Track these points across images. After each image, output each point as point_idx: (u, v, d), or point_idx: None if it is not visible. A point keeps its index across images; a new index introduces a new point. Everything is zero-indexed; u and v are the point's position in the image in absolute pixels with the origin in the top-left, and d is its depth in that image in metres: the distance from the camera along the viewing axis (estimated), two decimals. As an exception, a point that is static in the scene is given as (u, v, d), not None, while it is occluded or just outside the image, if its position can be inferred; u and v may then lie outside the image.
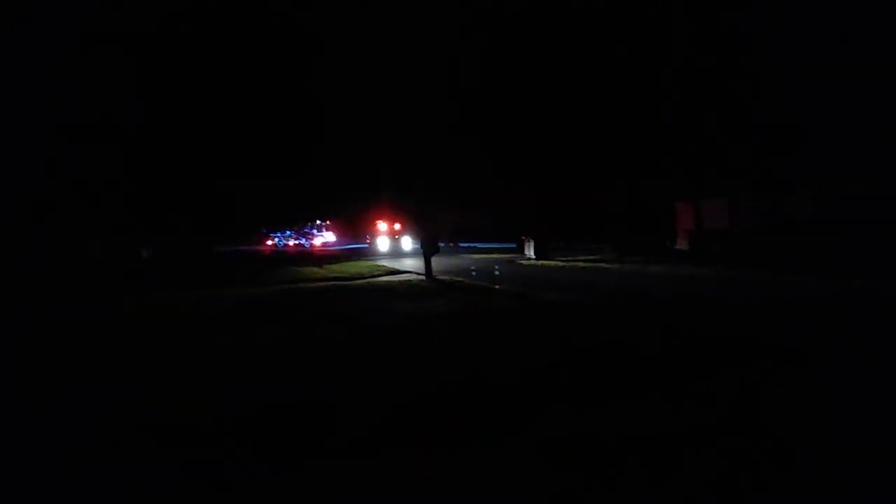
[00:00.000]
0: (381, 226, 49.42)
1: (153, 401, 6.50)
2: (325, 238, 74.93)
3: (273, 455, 4.72)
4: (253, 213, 69.72)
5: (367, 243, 53.30)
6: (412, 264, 27.20)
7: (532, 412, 5.56)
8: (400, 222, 48.57)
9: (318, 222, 76.82)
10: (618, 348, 8.23)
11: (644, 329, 9.69)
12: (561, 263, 26.57)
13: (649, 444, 4.62)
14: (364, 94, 44.10)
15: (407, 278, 20.95)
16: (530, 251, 32.23)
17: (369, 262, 30.53)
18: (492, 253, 37.25)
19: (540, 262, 28.36)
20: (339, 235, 75.98)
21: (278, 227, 79.42)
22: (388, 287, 17.91)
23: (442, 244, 27.89)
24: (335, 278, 21.58)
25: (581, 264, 25.51)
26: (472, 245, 45.29)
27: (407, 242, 45.96)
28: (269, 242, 76.29)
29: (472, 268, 25.44)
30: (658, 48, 30.66)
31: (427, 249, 21.72)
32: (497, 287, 17.03)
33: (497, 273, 22.80)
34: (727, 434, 4.81)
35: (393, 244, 47.10)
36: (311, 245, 69.43)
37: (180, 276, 24.83)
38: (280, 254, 50.61)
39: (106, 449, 5.10)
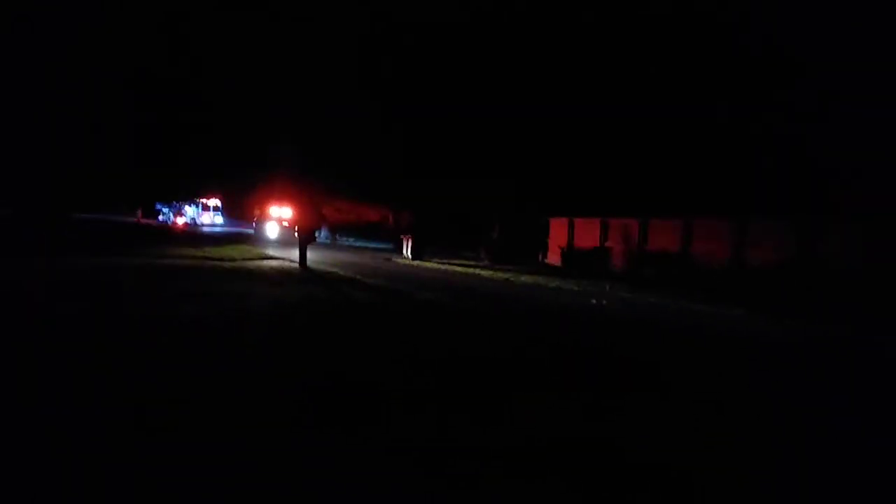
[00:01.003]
0: (273, 210, 43.75)
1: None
2: (211, 218, 66.70)
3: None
4: (136, 181, 64.07)
5: (252, 228, 48.01)
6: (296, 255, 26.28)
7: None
8: (294, 208, 43.86)
9: (205, 200, 67.63)
10: (469, 349, 8.29)
11: (500, 334, 9.85)
12: (436, 265, 26.75)
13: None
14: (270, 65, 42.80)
15: (280, 265, 20.34)
16: (408, 251, 32.26)
17: (253, 249, 28.91)
18: (370, 251, 36.95)
19: (415, 263, 28.43)
20: (229, 216, 68.32)
21: (168, 200, 72.19)
22: (259, 271, 17.27)
23: (319, 235, 27.24)
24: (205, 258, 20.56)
25: (456, 268, 25.80)
26: (352, 242, 44.62)
27: (276, 229, 42.22)
28: (161, 217, 67.66)
29: (348, 261, 25.07)
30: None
31: (303, 237, 21.19)
32: (366, 281, 16.84)
33: (370, 268, 22.62)
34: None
35: (283, 231, 42.01)
36: (195, 224, 62.51)
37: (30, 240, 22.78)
38: (154, 229, 46.24)
39: None
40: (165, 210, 68.73)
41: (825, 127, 23.26)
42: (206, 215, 64.97)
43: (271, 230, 41.97)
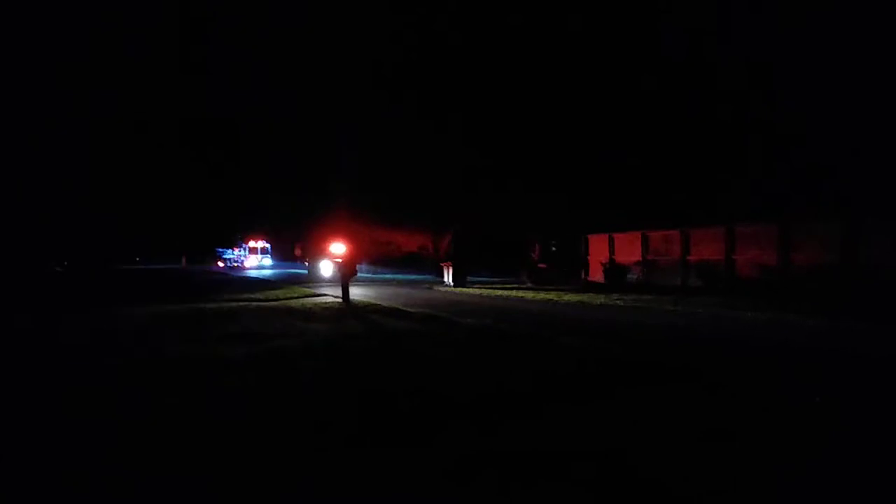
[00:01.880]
0: (325, 247, 41.19)
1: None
2: (259, 260, 63.44)
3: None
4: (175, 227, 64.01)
5: (305, 267, 45.05)
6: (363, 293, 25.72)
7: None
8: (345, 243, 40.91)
9: (252, 242, 64.91)
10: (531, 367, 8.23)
11: (555, 352, 9.75)
12: (478, 291, 26.71)
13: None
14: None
15: (323, 300, 20.53)
16: (449, 279, 32.33)
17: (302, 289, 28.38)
18: (410, 283, 37.05)
19: (458, 290, 28.42)
20: (279, 258, 65.79)
21: (219, 244, 68.88)
22: (303, 309, 17.44)
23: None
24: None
25: (499, 292, 25.72)
26: (392, 275, 44.48)
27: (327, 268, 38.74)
28: (220, 263, 66.36)
29: (390, 294, 25.14)
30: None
31: (345, 272, 21.40)
32: (408, 310, 16.88)
33: (414, 299, 22.67)
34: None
35: (337, 269, 39.85)
36: (241, 266, 61.09)
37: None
38: (205, 276, 44.52)
39: None
40: (229, 253, 66.62)
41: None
42: (254, 257, 62.41)
43: (325, 268, 38.82)
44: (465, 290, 28.11)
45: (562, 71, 32.64)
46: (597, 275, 30.52)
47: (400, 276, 42.96)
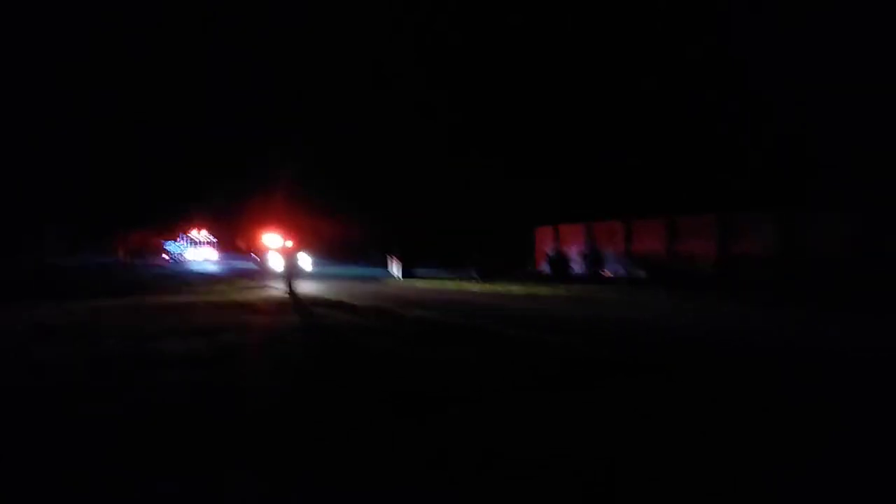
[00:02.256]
0: (271, 239, 34.99)
1: None
2: (200, 253, 57.95)
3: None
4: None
5: (253, 261, 40.67)
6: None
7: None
8: (294, 235, 34.93)
9: (194, 233, 59.03)
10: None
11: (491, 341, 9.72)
12: (427, 284, 26.63)
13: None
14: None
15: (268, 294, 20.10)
16: (397, 272, 32.17)
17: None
18: (357, 277, 36.68)
19: (405, 283, 28.27)
20: (223, 250, 60.96)
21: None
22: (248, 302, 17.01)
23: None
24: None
25: (449, 285, 25.69)
26: (337, 269, 43.59)
27: (306, 261, 35.55)
28: (165, 257, 60.44)
29: (339, 289, 24.77)
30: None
31: (289, 263, 21.13)
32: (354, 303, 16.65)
33: (362, 293, 22.42)
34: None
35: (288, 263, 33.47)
36: (181, 260, 54.50)
37: None
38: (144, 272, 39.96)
39: None
40: (172, 246, 60.70)
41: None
42: (196, 250, 56.81)
43: (275, 262, 34.18)
44: (413, 283, 27.99)
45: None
46: (543, 266, 30.80)
47: (351, 271, 42.30)
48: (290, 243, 31.35)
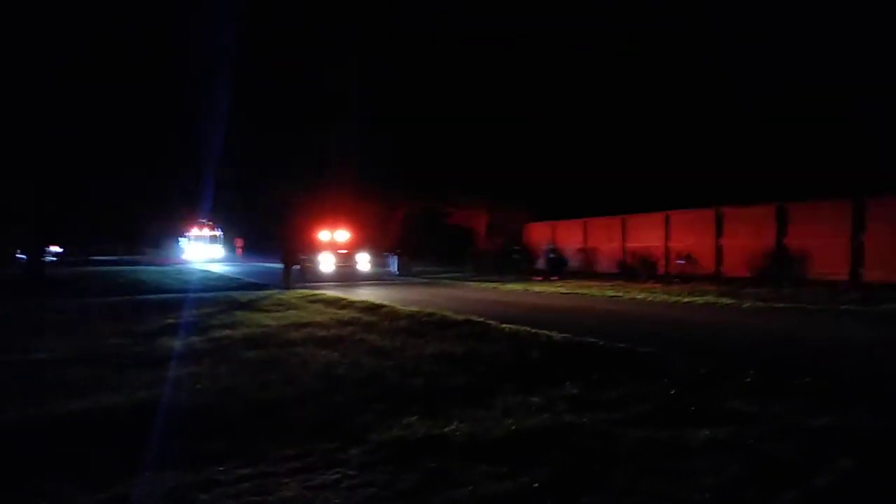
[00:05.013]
0: (320, 235, 29.36)
1: None
2: (204, 250, 49.69)
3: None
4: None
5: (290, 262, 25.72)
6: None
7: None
8: (349, 228, 30.02)
9: (193, 229, 50.99)
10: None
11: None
12: (424, 280, 26.90)
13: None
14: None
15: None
16: (393, 267, 32.45)
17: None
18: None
19: (403, 278, 28.55)
20: (245, 247, 53.83)
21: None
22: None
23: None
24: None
25: (444, 281, 25.96)
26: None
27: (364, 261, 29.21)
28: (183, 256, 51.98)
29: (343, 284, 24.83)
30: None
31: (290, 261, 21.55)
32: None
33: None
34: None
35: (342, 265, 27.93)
36: (179, 260, 47.78)
37: None
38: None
39: None
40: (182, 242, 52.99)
41: None
42: (199, 248, 49.80)
43: (325, 263, 27.73)
44: (410, 278, 28.25)
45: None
46: (540, 263, 30.95)
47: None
48: (345, 239, 28.65)
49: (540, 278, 25.63)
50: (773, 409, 5.44)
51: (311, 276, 26.07)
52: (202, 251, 49.63)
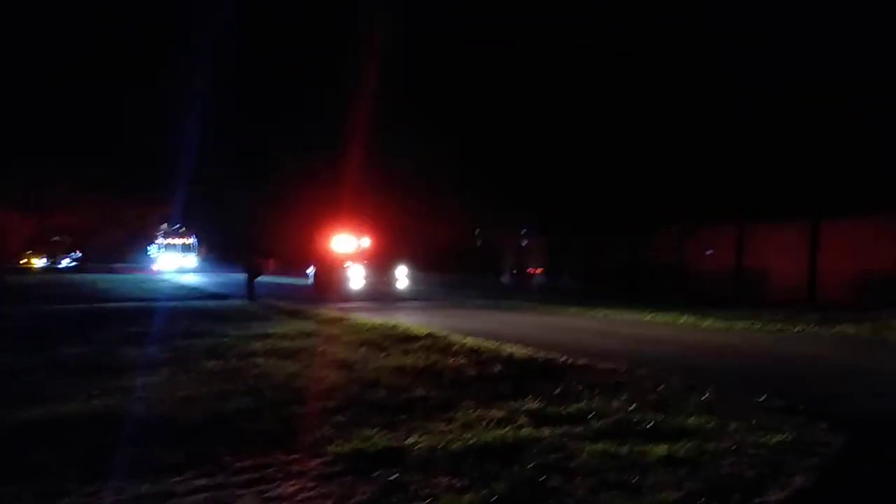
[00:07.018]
0: (339, 242, 25.03)
1: None
2: (178, 257, 44.98)
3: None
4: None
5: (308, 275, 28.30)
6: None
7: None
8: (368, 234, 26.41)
9: (166, 227, 45.98)
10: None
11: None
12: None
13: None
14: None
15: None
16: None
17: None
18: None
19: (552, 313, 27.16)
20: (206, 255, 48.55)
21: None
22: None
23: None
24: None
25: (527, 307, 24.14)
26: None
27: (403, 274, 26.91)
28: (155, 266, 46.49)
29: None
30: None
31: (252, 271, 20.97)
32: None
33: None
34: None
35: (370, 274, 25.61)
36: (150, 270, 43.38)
37: None
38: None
39: None
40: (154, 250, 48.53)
41: None
42: (171, 257, 45.16)
43: (356, 277, 24.67)
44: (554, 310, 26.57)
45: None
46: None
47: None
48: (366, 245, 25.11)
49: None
50: None
51: (334, 293, 22.32)
52: (174, 260, 45.30)
